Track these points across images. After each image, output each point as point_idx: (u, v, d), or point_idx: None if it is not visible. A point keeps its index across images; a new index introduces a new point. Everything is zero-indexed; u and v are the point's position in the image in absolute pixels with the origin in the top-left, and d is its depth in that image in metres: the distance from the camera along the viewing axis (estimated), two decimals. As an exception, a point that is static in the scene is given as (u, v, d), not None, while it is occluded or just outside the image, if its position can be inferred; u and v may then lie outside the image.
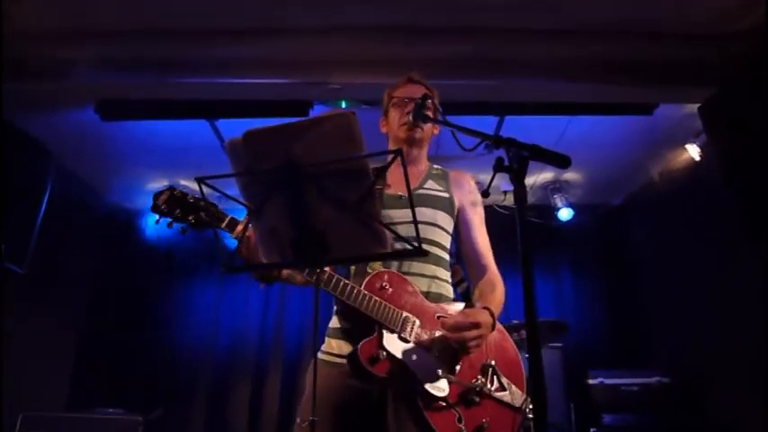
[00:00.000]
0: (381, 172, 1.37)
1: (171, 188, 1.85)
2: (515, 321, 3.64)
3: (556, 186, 5.24)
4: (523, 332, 3.78)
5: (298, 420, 1.78)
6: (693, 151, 4.28)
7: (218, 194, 1.44)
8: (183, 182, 5.13)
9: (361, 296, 1.75)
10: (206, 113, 4.01)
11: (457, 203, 2.07)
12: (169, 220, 1.81)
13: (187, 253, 5.48)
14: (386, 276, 1.83)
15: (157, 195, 1.84)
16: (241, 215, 1.72)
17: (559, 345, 4.55)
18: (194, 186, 1.44)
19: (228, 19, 3.26)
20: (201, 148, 4.47)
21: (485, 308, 1.81)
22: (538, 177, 5.16)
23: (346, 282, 1.76)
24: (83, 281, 5.16)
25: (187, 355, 5.21)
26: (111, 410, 4.14)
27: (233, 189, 1.46)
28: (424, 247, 1.88)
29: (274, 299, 5.42)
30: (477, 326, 1.72)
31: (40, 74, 3.39)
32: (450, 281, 2.03)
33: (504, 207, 5.10)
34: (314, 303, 1.58)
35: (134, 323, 5.30)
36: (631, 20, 3.20)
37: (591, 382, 4.34)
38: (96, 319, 5.16)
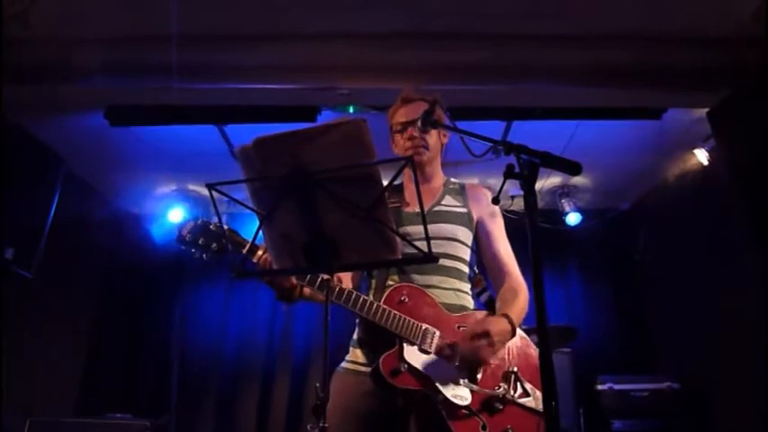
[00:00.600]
0: (390, 184, 1.36)
1: (194, 218, 1.92)
2: (524, 327, 3.63)
3: (564, 191, 5.22)
4: (533, 337, 3.79)
5: (309, 427, 1.79)
6: (702, 156, 4.26)
7: (227, 199, 1.45)
8: (191, 187, 5.15)
9: (380, 311, 1.78)
10: (215, 119, 4.03)
11: (475, 217, 2.08)
12: (193, 249, 1.86)
13: (195, 258, 5.48)
14: (405, 290, 1.85)
15: (182, 227, 1.92)
16: (250, 222, 1.74)
17: (568, 350, 4.52)
18: (203, 191, 1.45)
19: (237, 24, 3.28)
20: (210, 154, 4.49)
21: (504, 315, 1.82)
22: (546, 182, 5.14)
23: (365, 297, 1.79)
24: (91, 286, 5.17)
25: (195, 360, 5.21)
26: (119, 416, 4.14)
27: (240, 194, 1.47)
28: (445, 261, 1.93)
29: (282, 304, 5.41)
30: (486, 334, 1.72)
31: (49, 79, 3.41)
32: (470, 293, 2.04)
33: (512, 212, 5.08)
34: (323, 309, 1.59)
35: (142, 328, 5.32)
36: (640, 25, 3.19)
37: (600, 387, 4.31)
38: (105, 324, 5.17)
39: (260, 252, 1.77)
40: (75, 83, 3.47)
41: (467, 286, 2.03)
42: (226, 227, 1.85)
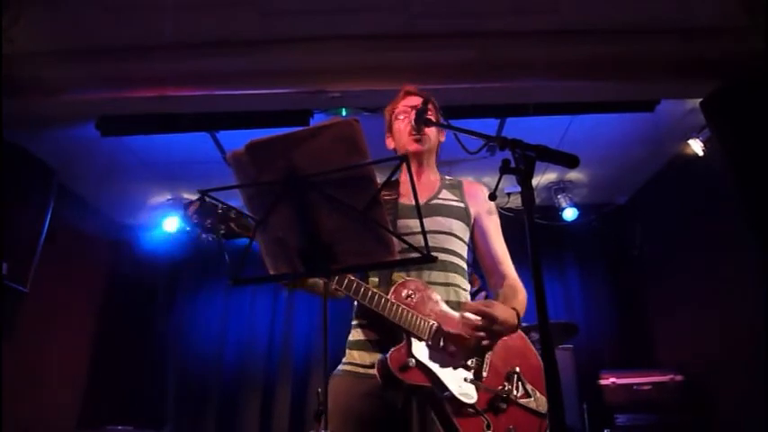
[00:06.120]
0: (388, 181, 1.34)
1: (201, 198, 1.81)
2: (524, 324, 3.61)
3: (560, 187, 5.22)
4: (533, 334, 3.77)
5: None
6: (696, 146, 4.25)
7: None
8: (185, 195, 5.13)
9: (389, 305, 1.75)
10: (207, 126, 4.01)
11: (473, 213, 2.06)
12: (199, 230, 1.81)
13: (192, 267, 5.47)
14: (411, 285, 1.83)
15: (188, 205, 1.83)
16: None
17: (570, 346, 4.51)
18: (199, 194, 1.42)
19: (226, 31, 3.26)
20: (203, 161, 4.47)
21: (513, 308, 1.80)
22: (541, 178, 5.14)
23: (374, 290, 1.76)
24: (89, 298, 5.14)
25: (196, 369, 5.18)
26: (120, 428, 4.12)
27: (234, 200, 1.45)
28: (441, 256, 1.90)
29: (281, 310, 5.39)
30: (493, 320, 1.69)
31: (39, 91, 3.39)
32: (468, 289, 2.02)
33: (509, 209, 5.07)
34: (322, 313, 1.57)
35: (141, 339, 5.28)
36: (631, 17, 3.19)
37: (603, 382, 4.31)
38: (104, 336, 5.14)
39: None
40: (66, 94, 3.45)
41: (465, 282, 2.00)
42: (234, 210, 1.78)
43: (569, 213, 5.22)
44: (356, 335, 1.94)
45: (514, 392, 1.79)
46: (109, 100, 3.60)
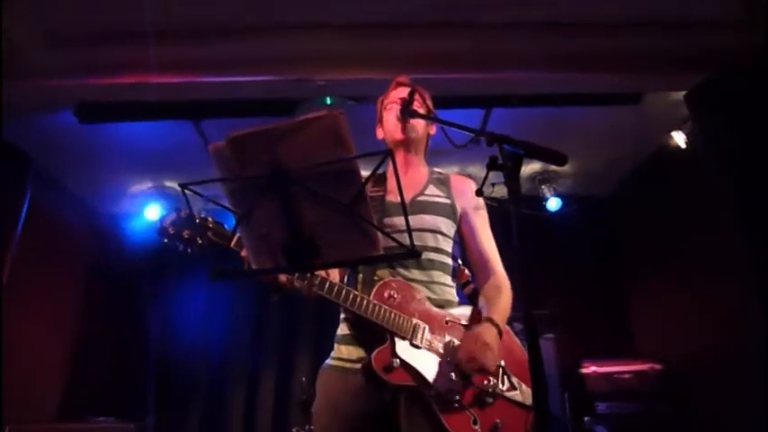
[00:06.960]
0: (373, 174, 1.32)
1: (178, 210, 1.85)
2: (510, 314, 3.63)
3: (544, 177, 5.22)
4: (516, 324, 3.79)
5: (294, 430, 1.77)
6: (679, 139, 4.27)
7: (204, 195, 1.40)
8: (167, 184, 5.07)
9: (370, 306, 1.76)
10: (189, 114, 3.93)
11: (459, 209, 2.05)
12: (177, 243, 1.79)
13: (176, 254, 5.39)
14: (393, 285, 1.84)
15: (164, 218, 1.85)
16: (230, 217, 1.69)
17: (551, 335, 4.56)
18: (179, 188, 1.39)
19: (211, 17, 3.20)
20: (185, 150, 4.39)
21: (489, 320, 1.81)
22: (526, 168, 5.13)
23: (355, 293, 1.77)
24: (69, 288, 5.07)
25: (179, 360, 5.13)
26: (101, 419, 4.08)
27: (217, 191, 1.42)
28: (428, 254, 1.90)
29: (266, 300, 5.35)
30: (487, 347, 1.72)
31: (16, 76, 3.30)
32: (454, 285, 2.03)
33: (493, 199, 5.06)
34: (307, 302, 1.55)
35: (124, 330, 5.22)
36: (617, 10, 3.18)
37: (584, 371, 4.37)
38: (85, 327, 5.07)
39: None
40: (43, 79, 3.37)
41: (450, 280, 2.01)
42: (211, 220, 1.80)
43: (553, 203, 5.23)
44: (344, 329, 1.93)
45: (500, 386, 1.81)
46: (88, 86, 3.52)
